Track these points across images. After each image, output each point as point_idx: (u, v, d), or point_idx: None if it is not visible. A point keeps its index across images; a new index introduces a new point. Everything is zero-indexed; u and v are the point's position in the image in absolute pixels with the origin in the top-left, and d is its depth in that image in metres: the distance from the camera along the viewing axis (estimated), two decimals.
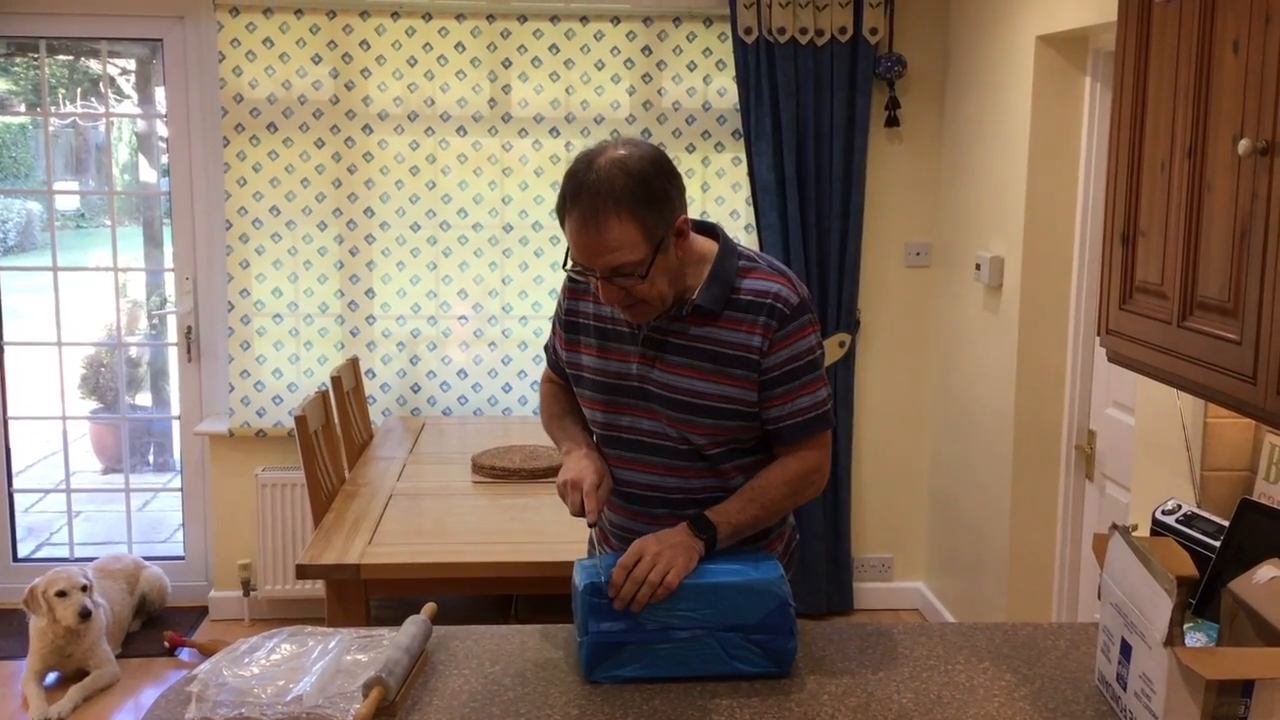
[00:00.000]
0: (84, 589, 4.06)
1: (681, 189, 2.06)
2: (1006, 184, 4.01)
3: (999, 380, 4.08)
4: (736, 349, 2.08)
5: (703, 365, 2.09)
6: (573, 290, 2.23)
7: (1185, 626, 1.96)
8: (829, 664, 2.02)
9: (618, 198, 1.94)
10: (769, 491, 2.11)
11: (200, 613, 4.82)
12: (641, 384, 2.13)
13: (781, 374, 2.09)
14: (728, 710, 1.85)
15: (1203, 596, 2.11)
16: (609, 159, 1.97)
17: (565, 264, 2.08)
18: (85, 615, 4.03)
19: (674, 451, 2.14)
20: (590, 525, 2.12)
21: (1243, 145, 1.77)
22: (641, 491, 2.17)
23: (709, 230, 2.18)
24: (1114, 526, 1.91)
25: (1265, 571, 1.82)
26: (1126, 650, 1.80)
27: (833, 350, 4.63)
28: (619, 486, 2.19)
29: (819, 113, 4.50)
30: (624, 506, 2.20)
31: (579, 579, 1.99)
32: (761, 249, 4.54)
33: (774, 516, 2.17)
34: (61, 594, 4.02)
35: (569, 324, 2.24)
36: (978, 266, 4.22)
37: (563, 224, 2.01)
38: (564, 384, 2.34)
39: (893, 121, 4.61)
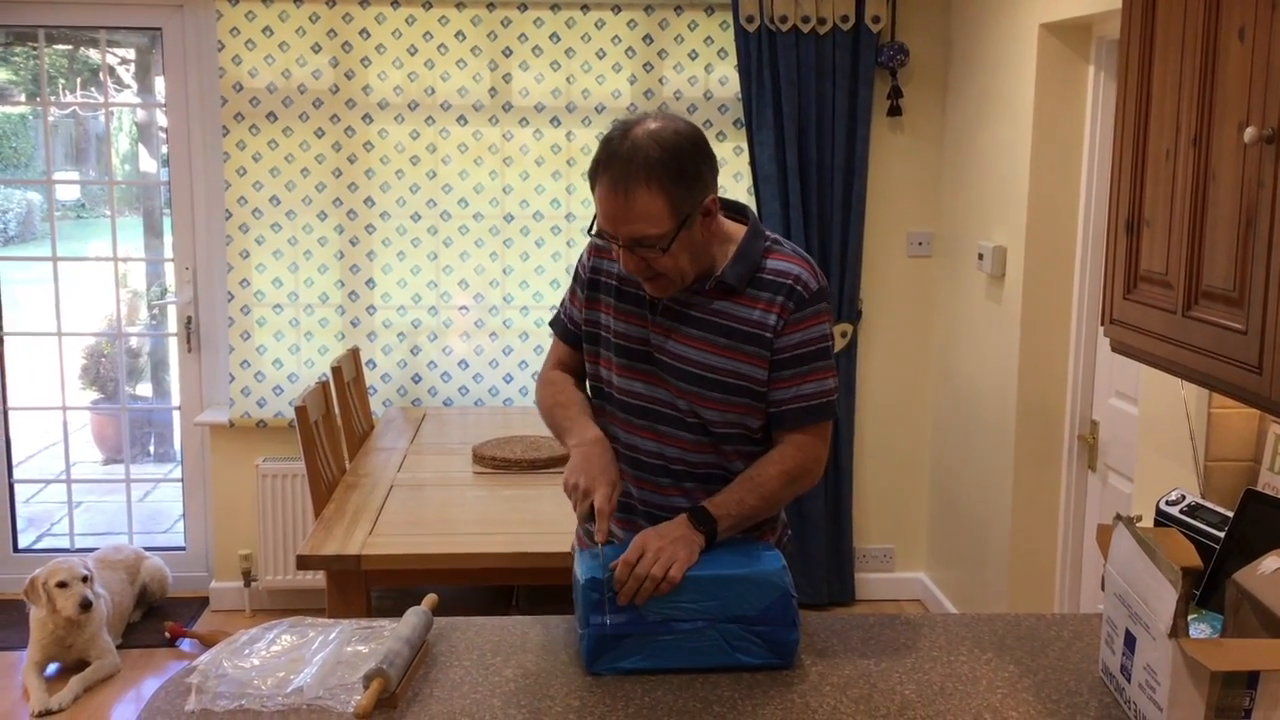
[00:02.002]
0: (85, 580, 4.06)
1: (714, 169, 2.07)
2: (1009, 173, 3.99)
3: (1001, 370, 4.07)
4: (752, 325, 2.09)
5: (717, 340, 2.10)
6: (598, 250, 2.22)
7: (1189, 618, 1.95)
8: (831, 655, 2.01)
9: (649, 169, 1.95)
10: (768, 483, 2.10)
11: (201, 603, 4.82)
12: (655, 353, 2.13)
13: (791, 356, 2.09)
14: (730, 701, 1.85)
15: (1207, 587, 2.10)
16: (645, 130, 1.98)
17: (591, 229, 2.10)
18: (86, 606, 4.02)
19: (680, 423, 2.14)
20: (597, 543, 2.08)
21: (1249, 133, 1.75)
22: (644, 458, 2.17)
23: (739, 211, 2.19)
24: (1118, 517, 1.90)
25: (1270, 562, 1.81)
26: (1131, 642, 1.79)
27: (835, 341, 4.62)
28: (626, 452, 2.18)
29: (821, 102, 4.49)
30: (624, 470, 2.19)
31: (580, 571, 1.98)
32: None
33: (773, 508, 2.17)
34: (62, 585, 4.02)
35: (592, 282, 2.22)
36: (980, 256, 4.20)
37: (593, 189, 2.02)
38: (567, 372, 2.32)
39: (895, 110, 4.59)
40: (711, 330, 2.10)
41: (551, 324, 2.37)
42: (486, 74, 4.58)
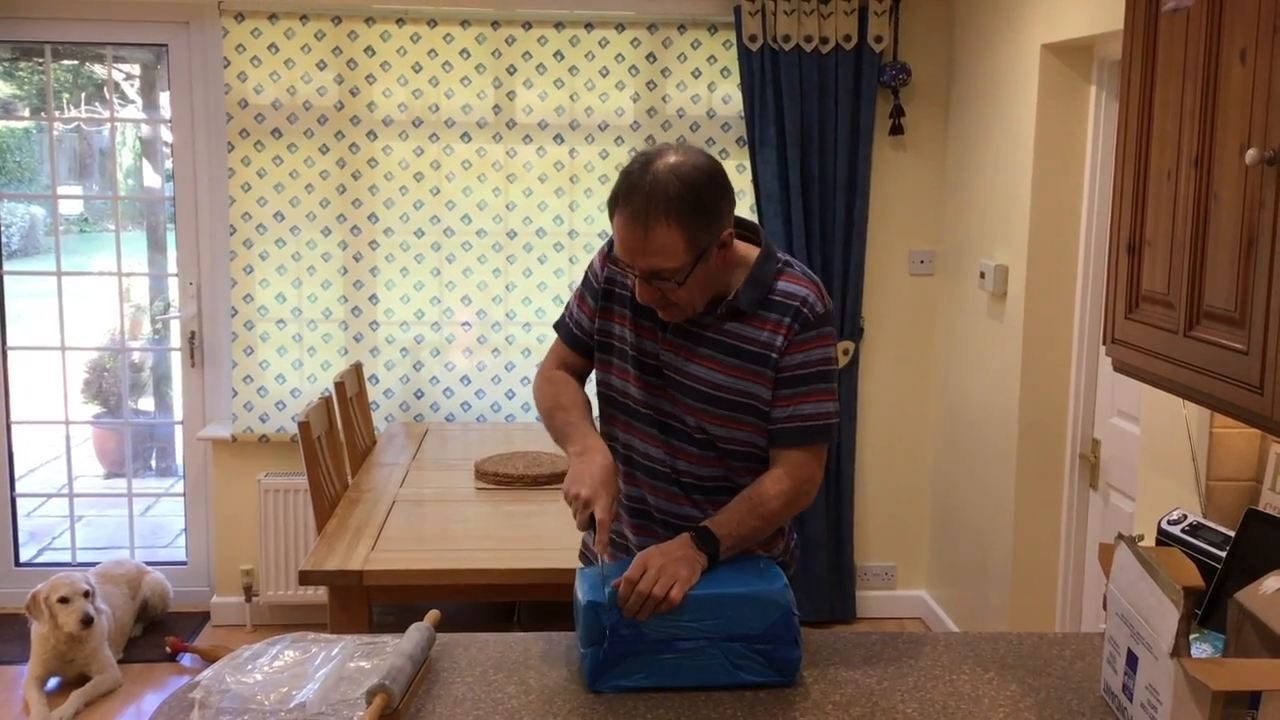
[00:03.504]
0: (86, 595, 4.06)
1: (732, 203, 2.09)
2: (1011, 192, 4.01)
3: (1003, 388, 4.08)
4: (759, 345, 2.12)
5: (726, 359, 2.13)
6: (612, 260, 2.23)
7: (1191, 637, 1.95)
8: (834, 673, 2.02)
9: (669, 204, 1.98)
10: (768, 503, 2.12)
11: (202, 618, 4.81)
12: (665, 369, 2.16)
13: (792, 376, 2.12)
14: (732, 719, 1.85)
15: (1208, 607, 2.11)
16: (666, 164, 2.00)
17: (609, 252, 2.16)
18: (87, 622, 4.02)
19: (688, 438, 2.18)
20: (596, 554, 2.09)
21: (1250, 155, 1.76)
22: (657, 466, 2.21)
23: (751, 230, 2.21)
24: (1120, 536, 1.90)
25: (1271, 582, 1.81)
26: (1133, 661, 1.79)
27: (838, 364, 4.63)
28: (641, 459, 2.22)
29: (823, 120, 4.50)
30: (639, 477, 2.23)
31: (581, 590, 1.99)
32: None
33: (772, 528, 2.18)
34: (64, 600, 4.02)
35: (606, 293, 2.25)
36: (982, 275, 4.21)
37: (611, 218, 2.05)
38: (571, 374, 2.33)
39: (897, 129, 4.61)
40: (721, 350, 2.13)
41: (556, 326, 2.38)
42: (490, 91, 4.60)
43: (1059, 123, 3.79)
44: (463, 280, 4.70)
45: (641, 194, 1.98)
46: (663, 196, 1.97)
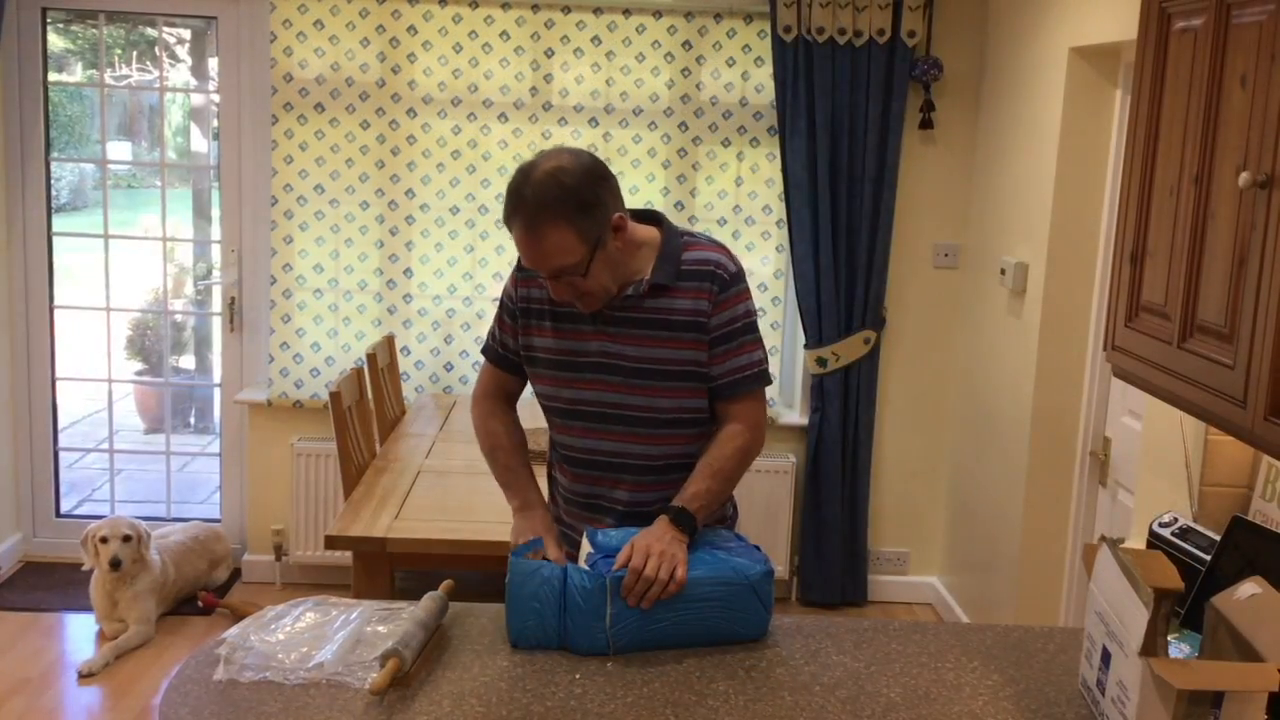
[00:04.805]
0: (126, 540, 4.20)
1: (615, 191, 2.22)
2: (1034, 191, 4.05)
3: (1018, 384, 4.14)
4: (687, 314, 2.27)
5: (659, 334, 2.27)
6: (523, 280, 2.37)
7: (1172, 637, 2.03)
8: (824, 656, 2.11)
9: (553, 209, 2.12)
10: (726, 463, 2.28)
11: (234, 574, 4.96)
12: (603, 358, 2.29)
13: (723, 334, 2.28)
14: (723, 695, 1.95)
15: (1191, 609, 2.18)
16: (543, 172, 2.14)
17: (518, 273, 2.35)
18: (114, 565, 4.17)
19: (636, 420, 2.30)
20: None
21: (1243, 178, 1.83)
22: (606, 459, 2.35)
23: (652, 217, 2.36)
24: (1103, 538, 1.99)
25: (1246, 588, 1.89)
26: (1106, 657, 1.88)
27: (857, 347, 4.70)
28: (585, 455, 2.37)
29: (854, 112, 4.56)
30: (588, 474, 2.38)
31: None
32: (792, 244, 4.63)
33: (734, 485, 2.34)
34: (105, 540, 4.18)
35: (524, 311, 2.38)
36: (1003, 271, 4.26)
37: (510, 231, 2.19)
38: (498, 395, 2.49)
39: (927, 124, 4.65)
40: (653, 327, 2.27)
41: (484, 351, 2.52)
42: (528, 73, 4.69)
43: (1084, 125, 3.83)
44: (495, 257, 4.80)
45: (528, 205, 2.12)
46: (545, 203, 2.11)
